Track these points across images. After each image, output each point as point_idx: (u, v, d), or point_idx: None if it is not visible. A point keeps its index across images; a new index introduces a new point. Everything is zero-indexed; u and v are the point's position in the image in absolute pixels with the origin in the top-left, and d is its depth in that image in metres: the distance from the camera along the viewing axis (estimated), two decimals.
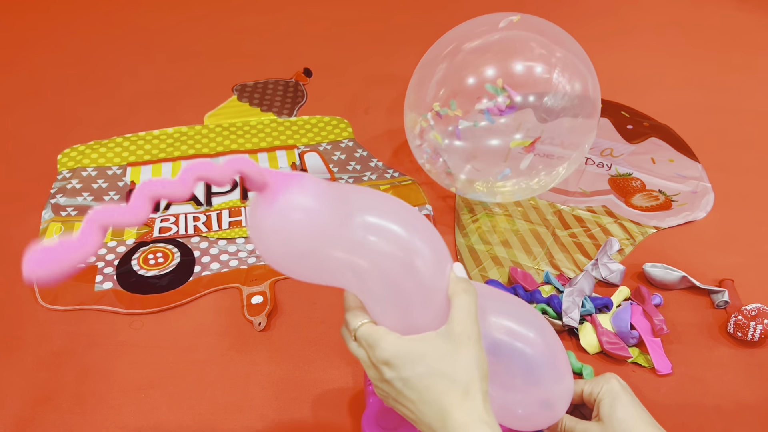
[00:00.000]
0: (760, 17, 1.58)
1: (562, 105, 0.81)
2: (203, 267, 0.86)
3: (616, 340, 0.75)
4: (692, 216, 0.96)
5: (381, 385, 0.49)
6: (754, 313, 0.76)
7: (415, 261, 0.47)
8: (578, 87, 0.82)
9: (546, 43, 0.82)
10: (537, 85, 0.81)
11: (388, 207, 0.49)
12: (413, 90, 0.90)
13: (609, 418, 0.54)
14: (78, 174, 1.01)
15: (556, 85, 0.81)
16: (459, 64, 0.84)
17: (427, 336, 0.47)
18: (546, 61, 0.81)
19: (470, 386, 0.46)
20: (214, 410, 0.69)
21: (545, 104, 0.81)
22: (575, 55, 0.83)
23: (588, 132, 0.85)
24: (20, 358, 0.74)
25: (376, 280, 0.47)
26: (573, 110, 0.82)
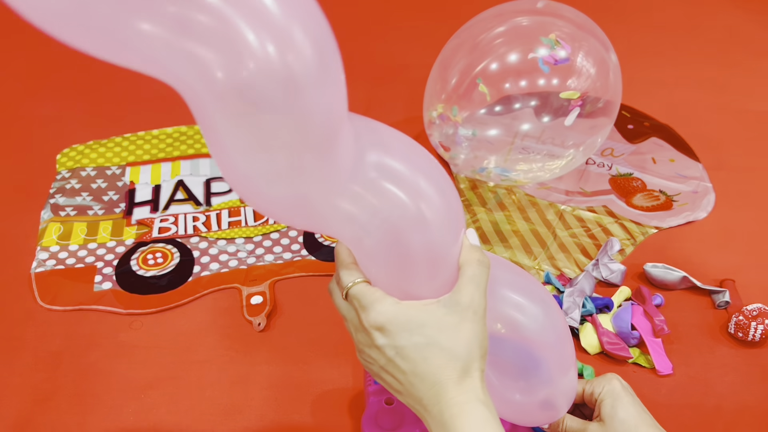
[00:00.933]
0: (761, 17, 1.58)
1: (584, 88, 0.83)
2: (203, 267, 0.86)
3: (616, 340, 0.75)
4: (693, 216, 0.96)
5: (369, 351, 0.46)
6: (755, 314, 0.76)
7: (428, 216, 0.42)
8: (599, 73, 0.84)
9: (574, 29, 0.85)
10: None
11: (403, 149, 0.44)
12: (435, 76, 0.92)
13: (610, 419, 0.54)
14: (77, 174, 1.01)
15: (580, 69, 0.82)
16: (484, 48, 0.86)
17: (429, 304, 0.44)
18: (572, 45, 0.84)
19: (470, 364, 0.43)
20: (214, 411, 0.69)
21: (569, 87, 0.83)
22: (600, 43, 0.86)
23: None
24: (20, 358, 0.74)
25: (380, 233, 0.42)
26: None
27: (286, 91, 0.36)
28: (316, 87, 0.37)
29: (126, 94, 1.24)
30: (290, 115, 0.37)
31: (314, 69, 0.37)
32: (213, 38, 0.34)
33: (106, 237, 0.89)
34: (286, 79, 0.36)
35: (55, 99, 1.22)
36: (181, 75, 0.36)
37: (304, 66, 0.36)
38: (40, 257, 0.86)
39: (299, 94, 0.36)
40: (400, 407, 0.62)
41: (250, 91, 0.35)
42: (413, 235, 0.42)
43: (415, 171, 0.43)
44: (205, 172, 1.02)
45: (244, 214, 0.94)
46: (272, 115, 0.37)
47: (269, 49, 0.35)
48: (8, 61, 1.33)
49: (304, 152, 0.39)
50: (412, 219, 0.42)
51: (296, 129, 0.38)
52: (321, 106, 0.38)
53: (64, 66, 1.32)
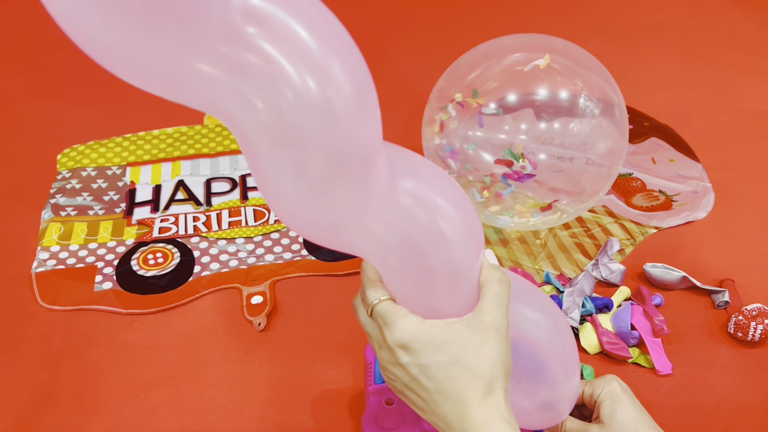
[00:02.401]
0: (760, 17, 1.58)
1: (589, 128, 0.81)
2: (203, 267, 0.86)
3: (616, 340, 0.75)
4: (693, 216, 0.96)
5: (392, 369, 0.46)
6: (754, 314, 0.76)
7: (449, 235, 0.44)
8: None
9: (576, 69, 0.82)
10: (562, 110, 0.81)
11: (430, 175, 0.46)
12: (436, 95, 0.90)
13: (610, 421, 0.54)
14: (77, 174, 1.01)
15: (583, 110, 0.80)
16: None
17: (452, 323, 0.44)
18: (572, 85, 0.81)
19: (494, 382, 0.44)
20: (214, 410, 0.69)
21: (571, 130, 0.81)
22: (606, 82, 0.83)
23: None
24: (20, 358, 0.74)
25: (404, 252, 0.44)
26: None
27: (325, 122, 0.39)
28: (354, 119, 0.40)
29: (126, 94, 1.24)
30: (328, 145, 0.39)
31: (352, 102, 0.40)
32: (258, 74, 0.37)
33: (107, 237, 0.90)
34: (326, 111, 0.38)
35: (55, 99, 1.22)
36: (227, 109, 0.39)
37: (342, 99, 0.39)
38: (40, 257, 0.86)
39: (337, 125, 0.39)
40: (400, 407, 0.63)
41: (291, 121, 0.38)
42: (436, 253, 0.44)
43: (441, 195, 0.45)
44: (205, 172, 1.03)
45: (245, 214, 0.94)
46: (311, 144, 0.39)
47: (310, 84, 0.38)
48: (9, 61, 1.34)
49: (340, 180, 0.41)
50: (435, 238, 0.44)
51: (334, 158, 0.40)
52: (358, 137, 0.41)
53: (65, 66, 1.32)
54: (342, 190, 0.41)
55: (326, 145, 0.39)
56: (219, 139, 1.10)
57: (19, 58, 1.35)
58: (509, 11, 1.55)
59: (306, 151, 0.39)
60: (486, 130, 0.83)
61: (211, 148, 1.08)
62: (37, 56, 1.35)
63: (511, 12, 1.55)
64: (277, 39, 0.37)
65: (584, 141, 0.81)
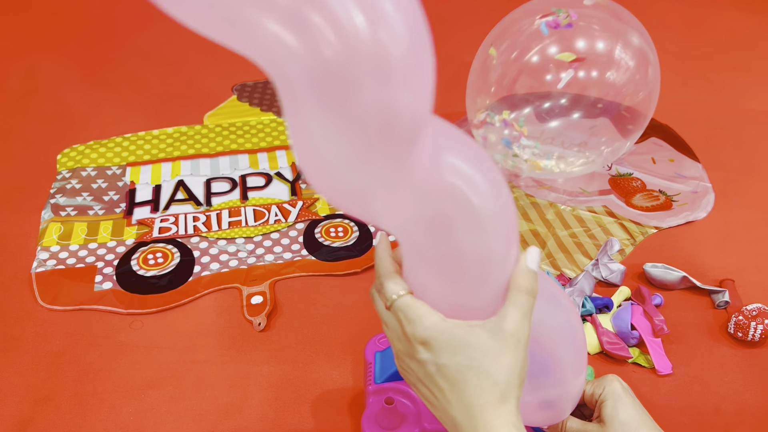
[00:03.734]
0: (761, 17, 1.58)
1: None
2: (203, 267, 0.86)
3: (616, 340, 0.75)
4: (693, 216, 0.96)
5: (409, 362, 0.46)
6: (754, 314, 0.76)
7: (486, 219, 0.41)
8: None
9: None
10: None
11: (467, 150, 0.42)
12: (477, 71, 0.93)
13: (611, 420, 0.54)
14: (77, 174, 1.01)
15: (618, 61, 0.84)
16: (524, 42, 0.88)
17: (474, 326, 0.44)
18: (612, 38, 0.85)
19: (508, 391, 0.44)
20: (214, 410, 0.69)
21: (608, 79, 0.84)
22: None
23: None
24: (20, 358, 0.74)
25: (435, 231, 0.41)
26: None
27: (376, 71, 0.33)
28: (407, 72, 0.35)
29: (126, 94, 1.24)
30: (378, 101, 0.34)
31: (406, 50, 0.34)
32: (302, 13, 0.32)
33: (107, 237, 0.90)
34: (377, 58, 0.33)
35: (55, 99, 1.22)
36: (272, 55, 0.35)
37: (396, 45, 0.33)
38: (40, 257, 0.86)
39: (389, 78, 0.34)
40: (400, 407, 0.63)
41: (335, 69, 0.33)
42: (467, 234, 0.42)
43: (481, 176, 0.42)
44: (205, 172, 1.03)
45: (245, 214, 0.94)
46: (357, 99, 0.34)
47: (358, 22, 0.32)
48: (9, 61, 1.34)
49: (386, 146, 0.37)
50: (471, 219, 0.41)
51: (382, 120, 0.35)
52: (409, 97, 0.35)
53: (65, 66, 1.32)
54: (384, 156, 0.37)
55: (374, 102, 0.34)
56: (219, 139, 1.10)
57: (20, 58, 1.35)
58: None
59: (352, 108, 0.34)
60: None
61: (211, 148, 1.08)
62: (37, 56, 1.35)
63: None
64: None
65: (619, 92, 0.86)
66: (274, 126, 1.15)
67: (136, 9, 1.56)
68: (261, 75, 1.30)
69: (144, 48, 1.40)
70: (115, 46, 1.40)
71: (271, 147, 1.09)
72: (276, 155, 1.07)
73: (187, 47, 1.40)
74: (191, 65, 1.34)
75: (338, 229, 0.92)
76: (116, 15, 1.53)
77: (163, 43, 1.41)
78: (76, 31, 1.46)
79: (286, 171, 1.03)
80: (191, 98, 1.23)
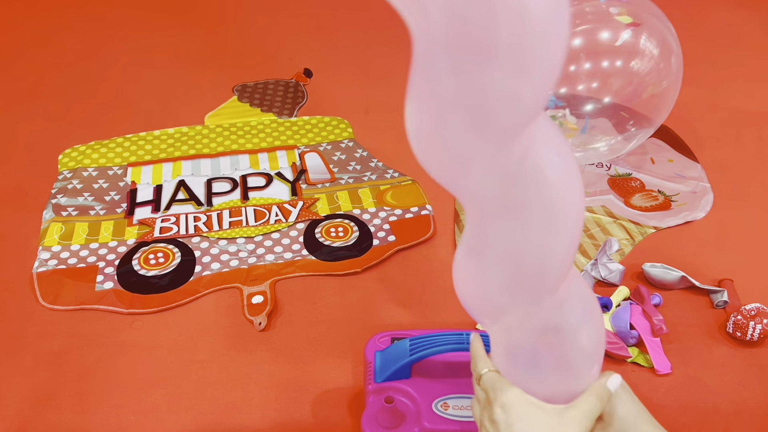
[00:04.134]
0: (760, 17, 1.58)
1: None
2: (204, 267, 0.86)
3: (615, 339, 0.75)
4: (691, 216, 0.96)
5: (487, 424, 0.51)
6: (753, 313, 0.76)
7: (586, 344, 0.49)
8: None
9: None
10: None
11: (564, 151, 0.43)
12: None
13: (609, 416, 0.54)
14: (79, 174, 1.02)
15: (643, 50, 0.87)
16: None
17: (547, 406, 0.50)
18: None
19: None
20: (214, 410, 0.69)
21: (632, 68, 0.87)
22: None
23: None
24: (21, 358, 0.74)
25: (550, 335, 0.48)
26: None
27: (512, 29, 0.32)
28: (542, 68, 0.34)
29: (127, 94, 1.24)
30: (510, 66, 0.33)
31: (551, 11, 0.32)
32: None
33: (108, 237, 0.90)
34: (518, 11, 0.31)
35: (56, 100, 1.22)
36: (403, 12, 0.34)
37: (538, 39, 0.33)
38: (41, 257, 0.86)
39: (523, 68, 0.33)
40: (400, 406, 0.63)
41: (469, 24, 0.32)
42: (568, 356, 0.49)
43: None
44: (206, 172, 1.03)
45: (245, 214, 0.94)
46: (491, 61, 0.33)
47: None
48: (10, 61, 1.34)
49: (507, 124, 0.36)
50: (573, 343, 0.49)
51: (504, 104, 0.35)
52: (533, 91, 0.35)
53: (66, 66, 1.32)
54: (500, 134, 0.37)
55: (507, 63, 0.33)
56: (220, 140, 1.11)
57: (20, 58, 1.35)
58: None
59: (482, 73, 0.33)
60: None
61: (211, 149, 1.08)
62: (37, 56, 1.36)
63: None
64: None
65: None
66: (275, 126, 1.15)
67: (137, 8, 1.56)
68: (261, 75, 1.30)
69: (144, 48, 1.40)
70: (115, 46, 1.40)
71: (271, 147, 1.09)
72: (276, 155, 1.07)
73: (187, 47, 1.41)
74: (192, 66, 1.34)
75: (338, 229, 0.92)
76: (117, 15, 1.54)
77: (163, 43, 1.41)
78: (76, 30, 1.46)
79: (286, 171, 1.04)
80: (192, 99, 1.23)
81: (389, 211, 0.95)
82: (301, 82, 1.29)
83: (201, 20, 1.52)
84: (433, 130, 0.39)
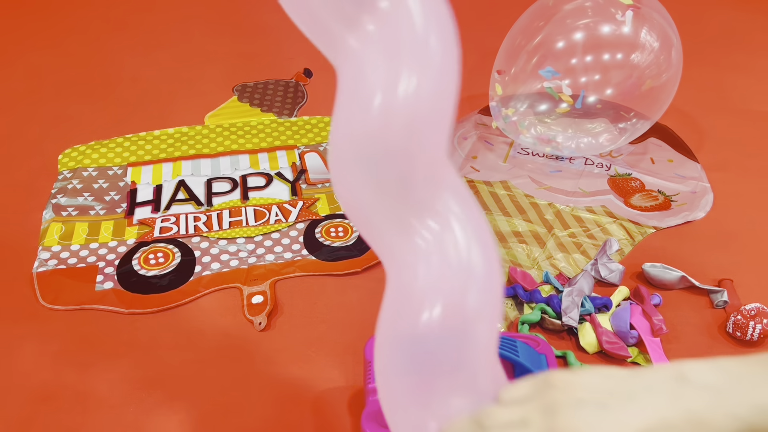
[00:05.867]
0: (760, 17, 1.58)
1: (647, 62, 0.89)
2: (204, 267, 0.86)
3: (615, 339, 0.75)
4: (691, 216, 0.97)
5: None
6: (753, 313, 0.76)
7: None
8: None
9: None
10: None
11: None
12: (505, 52, 1.00)
13: None
14: (79, 174, 1.02)
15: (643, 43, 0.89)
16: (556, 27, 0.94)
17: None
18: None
19: None
20: (215, 410, 0.69)
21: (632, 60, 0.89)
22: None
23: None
24: (20, 358, 0.74)
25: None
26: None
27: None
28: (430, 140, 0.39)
29: (127, 94, 1.24)
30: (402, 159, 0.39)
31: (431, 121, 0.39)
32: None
33: (108, 237, 0.90)
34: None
35: (56, 99, 1.22)
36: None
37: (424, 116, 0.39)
38: (41, 257, 0.86)
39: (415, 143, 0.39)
40: None
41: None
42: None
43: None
44: (206, 172, 1.03)
45: (245, 214, 0.95)
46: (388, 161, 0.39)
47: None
48: (10, 61, 1.34)
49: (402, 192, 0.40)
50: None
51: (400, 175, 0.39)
52: (426, 159, 0.40)
53: (66, 66, 1.32)
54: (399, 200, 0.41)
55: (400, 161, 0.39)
56: (219, 140, 1.11)
57: (20, 57, 1.35)
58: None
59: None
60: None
61: (211, 149, 1.08)
62: (37, 56, 1.36)
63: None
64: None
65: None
66: (275, 126, 1.15)
67: (137, 8, 1.56)
68: (261, 76, 1.30)
69: (145, 48, 1.40)
70: (115, 46, 1.40)
71: (271, 147, 1.09)
72: (276, 155, 1.07)
73: (187, 47, 1.41)
74: (192, 65, 1.34)
75: (338, 229, 0.92)
76: (117, 15, 1.54)
77: (163, 43, 1.42)
78: (76, 30, 1.46)
79: (286, 171, 1.04)
80: (192, 98, 1.23)
81: None
82: (301, 82, 1.29)
83: (201, 19, 1.52)
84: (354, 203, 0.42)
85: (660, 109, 0.95)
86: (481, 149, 1.10)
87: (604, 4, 0.90)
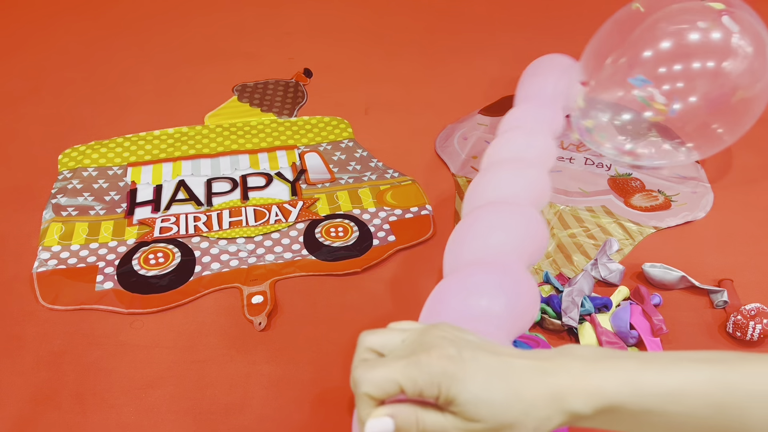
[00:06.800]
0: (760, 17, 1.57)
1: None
2: (204, 267, 0.86)
3: (615, 339, 0.75)
4: (691, 216, 0.97)
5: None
6: (753, 313, 0.76)
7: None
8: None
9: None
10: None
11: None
12: (587, 62, 0.98)
13: None
14: (79, 174, 1.02)
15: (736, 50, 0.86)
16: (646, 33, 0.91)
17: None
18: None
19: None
20: (214, 410, 0.69)
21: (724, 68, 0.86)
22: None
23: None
24: (20, 358, 0.74)
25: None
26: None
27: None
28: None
29: (127, 94, 1.24)
30: None
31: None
32: None
33: (108, 237, 0.90)
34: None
35: (56, 99, 1.22)
36: None
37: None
38: (41, 257, 0.86)
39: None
40: None
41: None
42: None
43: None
44: (206, 172, 1.03)
45: (245, 214, 0.95)
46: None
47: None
48: (10, 61, 1.34)
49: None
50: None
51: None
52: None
53: (66, 66, 1.33)
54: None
55: None
56: (219, 140, 1.11)
57: (20, 57, 1.35)
58: (484, 10, 1.55)
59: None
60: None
61: (211, 149, 1.08)
62: (38, 56, 1.36)
63: (495, 17, 1.55)
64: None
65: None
66: (275, 126, 1.15)
67: (137, 8, 1.56)
68: (261, 75, 1.30)
69: (145, 48, 1.40)
70: (115, 46, 1.40)
71: (271, 147, 1.09)
72: (276, 155, 1.07)
73: (187, 47, 1.41)
74: (191, 65, 1.34)
75: (338, 229, 0.92)
76: (117, 15, 1.54)
77: (163, 43, 1.42)
78: (76, 30, 1.46)
79: (286, 171, 1.04)
80: (192, 98, 1.23)
81: (389, 211, 0.95)
82: (301, 82, 1.29)
83: (201, 19, 1.52)
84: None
85: (746, 124, 0.91)
86: (482, 149, 1.10)
87: (696, 9, 0.87)
